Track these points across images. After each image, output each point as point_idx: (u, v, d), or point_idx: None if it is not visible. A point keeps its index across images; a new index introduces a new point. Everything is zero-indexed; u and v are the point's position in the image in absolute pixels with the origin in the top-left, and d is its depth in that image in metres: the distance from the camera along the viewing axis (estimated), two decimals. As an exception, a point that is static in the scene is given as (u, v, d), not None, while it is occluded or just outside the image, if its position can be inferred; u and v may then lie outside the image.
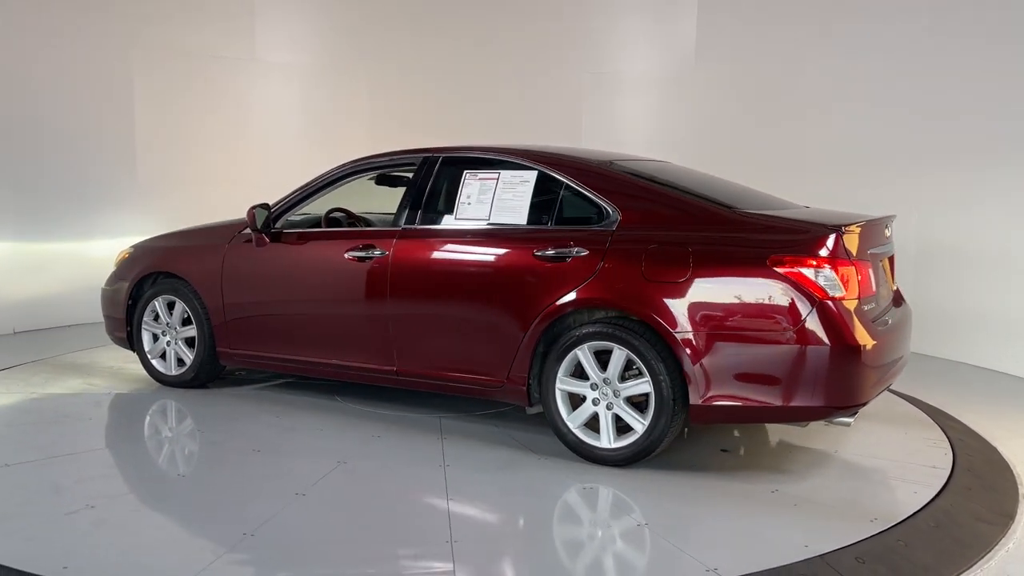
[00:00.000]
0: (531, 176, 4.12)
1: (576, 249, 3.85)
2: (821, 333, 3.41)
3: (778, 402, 3.51)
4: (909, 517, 3.33)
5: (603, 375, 3.79)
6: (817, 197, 4.98)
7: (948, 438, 4.36)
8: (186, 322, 5.03)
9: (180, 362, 5.08)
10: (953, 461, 3.99)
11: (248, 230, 4.81)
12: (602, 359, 3.81)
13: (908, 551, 3.07)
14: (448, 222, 4.30)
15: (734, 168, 5.46)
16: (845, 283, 3.48)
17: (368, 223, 5.08)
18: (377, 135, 8.28)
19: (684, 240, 3.67)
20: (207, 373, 5.06)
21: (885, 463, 4.01)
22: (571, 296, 3.82)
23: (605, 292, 3.75)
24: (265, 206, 4.74)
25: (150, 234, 5.57)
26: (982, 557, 3.04)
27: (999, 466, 4.01)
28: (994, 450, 4.22)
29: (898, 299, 4.33)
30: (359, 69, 8.29)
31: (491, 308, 4.06)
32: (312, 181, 4.80)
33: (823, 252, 3.48)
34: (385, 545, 3.06)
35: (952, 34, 6.20)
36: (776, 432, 4.43)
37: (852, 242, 3.61)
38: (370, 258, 4.37)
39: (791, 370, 3.46)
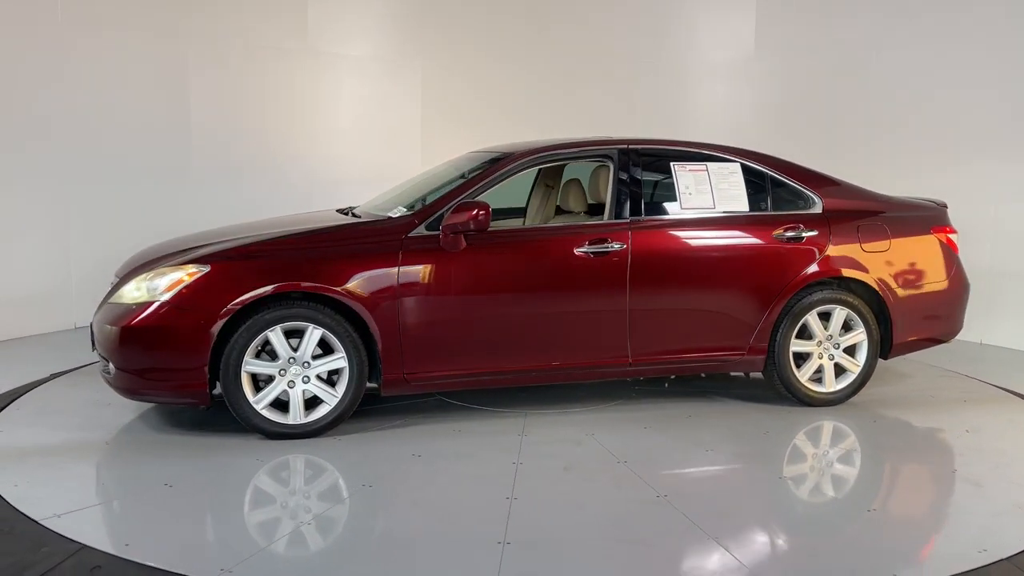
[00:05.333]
0: (736, 168, 4.62)
1: (808, 230, 4.50)
2: (961, 278, 4.87)
3: (936, 333, 4.85)
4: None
5: (827, 333, 4.60)
6: (871, 183, 5.04)
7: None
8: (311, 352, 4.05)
9: (309, 404, 4.04)
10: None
11: (423, 228, 4.13)
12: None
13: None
14: (674, 211, 4.51)
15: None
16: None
17: None
18: (429, 127, 8.22)
19: (879, 218, 4.71)
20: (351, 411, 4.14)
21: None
22: (813, 269, 4.56)
23: (839, 263, 4.60)
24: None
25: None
26: None
27: None
28: None
29: None
30: (413, 61, 8.19)
31: (737, 287, 4.51)
32: (483, 175, 4.30)
33: (950, 221, 4.92)
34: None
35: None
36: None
37: None
38: (606, 252, 4.29)
39: (946, 306, 4.82)
